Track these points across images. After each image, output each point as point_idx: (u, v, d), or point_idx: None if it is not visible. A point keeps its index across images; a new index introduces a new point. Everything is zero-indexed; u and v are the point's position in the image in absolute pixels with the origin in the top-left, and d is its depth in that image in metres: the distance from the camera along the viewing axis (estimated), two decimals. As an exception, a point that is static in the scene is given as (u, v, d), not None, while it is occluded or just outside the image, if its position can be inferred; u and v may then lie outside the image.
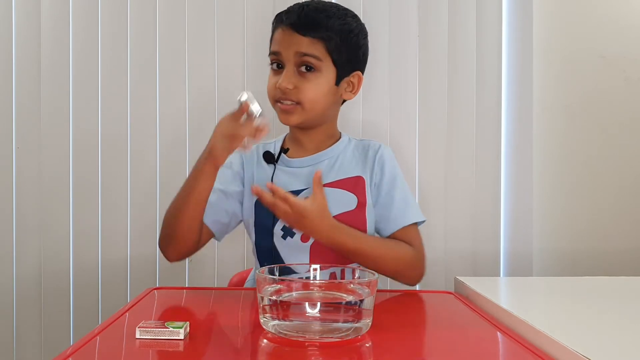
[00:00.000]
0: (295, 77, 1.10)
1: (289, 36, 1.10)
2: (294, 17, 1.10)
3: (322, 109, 1.13)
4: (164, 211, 1.13)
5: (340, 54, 1.12)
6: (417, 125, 1.73)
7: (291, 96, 1.10)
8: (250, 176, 1.20)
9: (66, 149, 1.71)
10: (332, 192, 1.14)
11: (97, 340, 0.76)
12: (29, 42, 1.70)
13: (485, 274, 1.71)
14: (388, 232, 1.15)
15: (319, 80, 1.11)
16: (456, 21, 1.72)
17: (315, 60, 1.10)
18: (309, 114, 1.12)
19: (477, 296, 1.02)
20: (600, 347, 0.71)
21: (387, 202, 1.15)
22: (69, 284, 1.72)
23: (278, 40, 1.12)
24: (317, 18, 1.11)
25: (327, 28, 1.11)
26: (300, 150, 1.20)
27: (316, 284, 0.83)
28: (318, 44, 1.10)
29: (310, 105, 1.11)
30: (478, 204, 1.73)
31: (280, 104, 1.11)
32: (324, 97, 1.13)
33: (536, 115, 1.74)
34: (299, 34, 1.09)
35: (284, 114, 1.12)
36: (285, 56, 1.10)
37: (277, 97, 1.11)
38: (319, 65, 1.11)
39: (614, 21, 1.76)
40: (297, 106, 1.11)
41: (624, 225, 1.77)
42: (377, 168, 1.17)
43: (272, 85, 1.12)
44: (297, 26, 1.10)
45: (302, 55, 1.09)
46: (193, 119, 1.71)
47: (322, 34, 1.10)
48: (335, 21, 1.12)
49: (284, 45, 1.10)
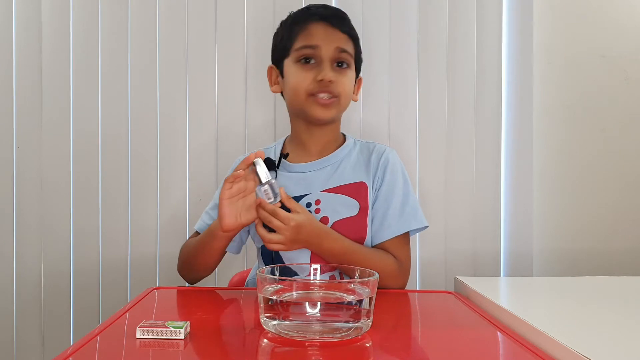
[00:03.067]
0: (334, 70, 1.12)
1: (328, 30, 1.11)
2: (330, 12, 1.13)
3: (347, 105, 1.17)
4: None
5: (358, 55, 1.17)
6: (418, 125, 1.73)
7: (332, 89, 1.10)
8: None
9: (66, 149, 1.71)
10: (334, 197, 1.14)
11: (97, 340, 0.76)
12: (29, 42, 1.70)
13: (486, 274, 1.71)
14: (378, 240, 1.13)
15: (351, 76, 1.15)
16: (456, 21, 1.72)
17: (349, 57, 1.13)
18: (342, 108, 1.15)
19: (477, 296, 1.02)
20: (600, 347, 0.71)
21: (382, 208, 1.14)
22: (69, 284, 1.72)
23: (315, 34, 1.12)
24: (345, 17, 1.16)
25: (353, 29, 1.16)
26: (303, 154, 1.19)
27: (316, 284, 0.83)
28: (350, 42, 1.14)
29: (345, 99, 1.14)
30: (478, 204, 1.73)
31: (318, 97, 1.11)
32: (351, 93, 1.17)
33: (536, 115, 1.74)
34: (337, 29, 1.12)
35: (322, 108, 1.11)
36: (325, 50, 1.11)
37: (316, 90, 1.10)
38: (351, 62, 1.15)
39: (615, 21, 1.76)
40: (335, 100, 1.12)
41: (624, 225, 1.77)
42: (380, 173, 1.16)
43: (308, 79, 1.11)
44: (335, 21, 1.12)
45: (341, 51, 1.11)
46: (193, 119, 1.72)
47: (353, 33, 1.15)
48: (352, 25, 1.17)
49: (324, 39, 1.11)
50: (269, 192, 0.97)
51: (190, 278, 1.18)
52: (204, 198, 1.68)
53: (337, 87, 1.10)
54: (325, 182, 1.15)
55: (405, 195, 1.16)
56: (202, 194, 1.69)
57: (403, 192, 1.16)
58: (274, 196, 0.97)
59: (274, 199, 0.98)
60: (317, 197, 1.13)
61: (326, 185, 1.15)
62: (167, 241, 1.70)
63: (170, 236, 1.70)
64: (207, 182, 1.70)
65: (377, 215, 1.14)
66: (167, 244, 1.70)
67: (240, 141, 1.71)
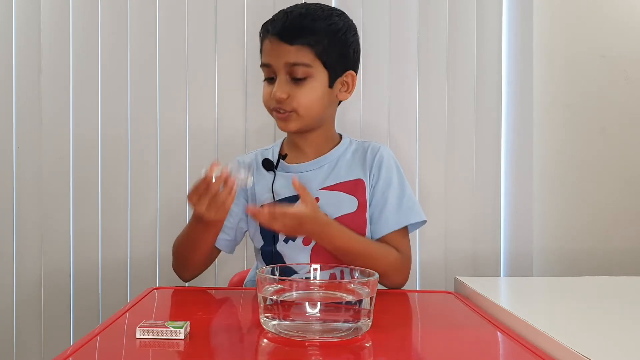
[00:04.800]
0: (289, 85, 1.10)
1: (276, 47, 1.10)
2: (279, 27, 1.11)
3: (317, 113, 1.14)
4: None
5: (329, 55, 1.12)
6: (417, 125, 1.73)
7: (286, 105, 1.11)
8: (251, 186, 1.20)
9: (66, 149, 1.71)
10: (333, 195, 1.15)
11: (97, 340, 0.76)
12: (29, 42, 1.70)
13: (486, 273, 1.71)
14: (378, 235, 1.15)
15: (312, 85, 1.11)
16: (456, 21, 1.72)
17: (305, 68, 1.10)
18: (306, 119, 1.13)
19: (477, 296, 1.02)
20: (600, 347, 0.71)
21: (380, 204, 1.15)
22: (69, 284, 1.72)
23: (267, 52, 1.13)
24: (301, 24, 1.11)
25: (313, 32, 1.10)
26: (300, 155, 1.20)
27: (316, 284, 0.83)
28: (306, 50, 1.10)
29: (306, 111, 1.12)
30: (478, 204, 1.72)
31: (276, 112, 1.13)
32: (318, 101, 1.13)
33: (536, 115, 1.73)
34: (286, 43, 1.10)
35: (281, 122, 1.14)
36: (276, 67, 1.11)
37: (273, 106, 1.13)
38: (310, 72, 1.11)
39: (615, 21, 1.76)
40: (292, 114, 1.12)
41: (624, 225, 1.76)
42: (375, 170, 1.17)
43: (267, 95, 1.13)
44: (283, 35, 1.10)
45: (291, 65, 1.10)
46: (193, 119, 1.71)
47: (308, 40, 1.10)
48: (320, 23, 1.11)
49: (273, 57, 1.11)
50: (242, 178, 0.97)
51: (184, 275, 1.19)
52: (204, 198, 1.68)
53: (291, 102, 1.10)
54: (323, 180, 1.17)
55: (402, 189, 1.17)
56: (202, 194, 1.69)
57: (399, 187, 1.17)
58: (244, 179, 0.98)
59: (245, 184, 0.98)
60: (315, 196, 1.14)
61: (324, 183, 1.16)
62: (167, 241, 1.69)
63: (170, 236, 1.67)
64: (207, 182, 1.69)
65: (376, 211, 1.16)
66: (167, 244, 1.69)
67: (240, 141, 1.71)
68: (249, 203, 1.21)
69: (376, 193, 1.16)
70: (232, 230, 1.20)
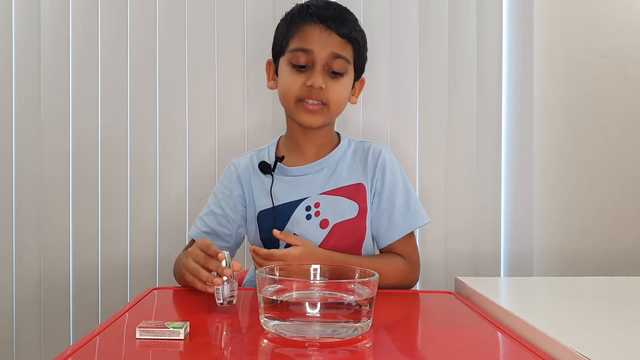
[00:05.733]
0: (325, 77, 1.07)
1: (324, 34, 1.06)
2: (328, 14, 1.06)
3: (341, 111, 1.13)
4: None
5: (361, 56, 1.11)
6: (418, 125, 1.72)
7: (322, 96, 1.07)
8: (249, 191, 1.18)
9: (66, 149, 1.71)
10: (333, 200, 1.13)
11: (97, 340, 0.76)
12: (29, 42, 1.70)
13: (486, 274, 1.71)
14: (389, 241, 1.14)
15: (345, 81, 1.10)
16: (456, 21, 1.72)
17: (345, 63, 1.08)
18: (332, 116, 1.11)
19: (478, 296, 1.01)
20: (600, 347, 0.71)
21: (387, 210, 1.14)
22: (69, 284, 1.72)
23: (309, 38, 1.07)
24: (348, 18, 1.09)
25: (355, 29, 1.09)
26: (298, 157, 1.18)
27: (316, 284, 0.83)
28: (348, 46, 1.08)
29: (335, 107, 1.10)
30: (478, 204, 1.72)
31: (306, 103, 1.08)
32: (345, 99, 1.12)
33: (536, 115, 1.73)
34: (335, 32, 1.05)
35: (309, 115, 1.09)
36: (318, 55, 1.06)
37: (304, 96, 1.08)
38: (347, 68, 1.09)
39: (614, 21, 1.76)
40: (323, 107, 1.09)
41: (624, 225, 1.76)
42: (379, 175, 1.15)
43: (297, 83, 1.08)
44: (333, 24, 1.05)
45: (335, 57, 1.06)
46: (193, 119, 1.71)
47: (353, 35, 1.08)
48: (356, 25, 1.11)
49: (319, 44, 1.06)
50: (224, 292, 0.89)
51: (187, 284, 1.18)
52: (203, 198, 1.68)
53: (327, 94, 1.07)
54: (324, 184, 1.15)
55: (407, 193, 1.17)
56: (202, 194, 1.69)
57: (405, 191, 1.16)
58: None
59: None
60: (316, 200, 1.13)
61: (324, 187, 1.15)
62: (167, 241, 1.70)
63: (170, 236, 1.70)
64: (206, 182, 1.69)
65: (383, 216, 1.14)
66: (166, 244, 1.70)
67: (240, 141, 1.71)
68: (247, 208, 1.19)
69: (382, 199, 1.14)
70: (232, 237, 1.20)
